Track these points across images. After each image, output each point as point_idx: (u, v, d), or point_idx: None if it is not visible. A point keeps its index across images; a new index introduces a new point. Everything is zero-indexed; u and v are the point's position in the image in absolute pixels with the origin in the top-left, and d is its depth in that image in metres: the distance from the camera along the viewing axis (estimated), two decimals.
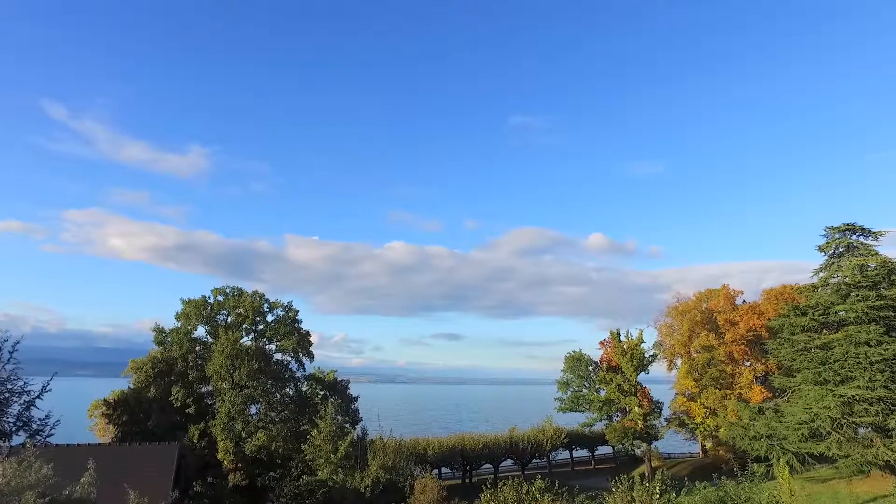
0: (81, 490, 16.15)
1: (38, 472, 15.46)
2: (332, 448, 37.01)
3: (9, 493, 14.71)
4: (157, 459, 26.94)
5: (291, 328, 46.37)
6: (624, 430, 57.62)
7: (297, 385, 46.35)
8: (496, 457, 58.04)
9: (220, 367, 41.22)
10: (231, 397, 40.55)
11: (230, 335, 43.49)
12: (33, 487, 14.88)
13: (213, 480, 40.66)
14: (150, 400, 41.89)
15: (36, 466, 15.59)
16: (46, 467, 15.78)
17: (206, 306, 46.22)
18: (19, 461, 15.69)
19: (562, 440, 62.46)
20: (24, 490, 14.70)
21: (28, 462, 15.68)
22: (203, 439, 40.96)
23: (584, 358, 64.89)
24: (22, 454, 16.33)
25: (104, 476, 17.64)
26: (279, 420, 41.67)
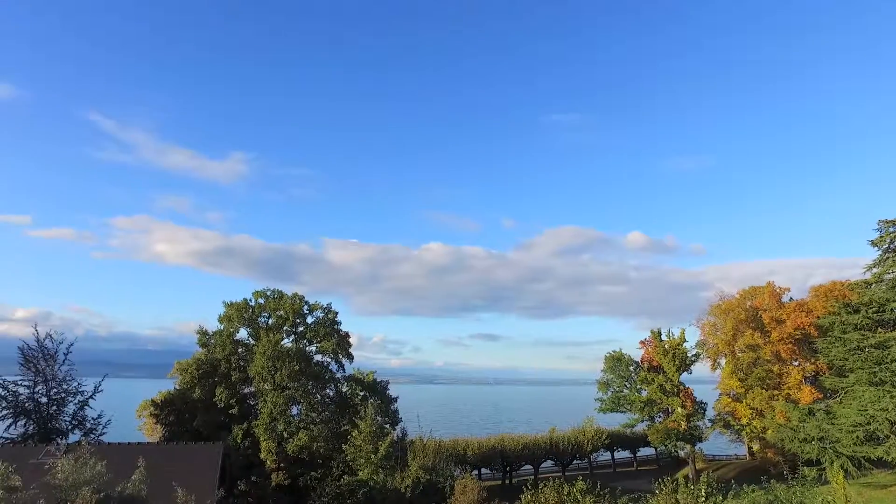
0: (133, 487, 16.64)
1: (93, 469, 16.03)
2: (373, 448, 37.26)
3: (67, 488, 15.33)
4: (203, 458, 27.51)
5: (331, 330, 46.88)
6: (667, 432, 56.56)
7: (337, 386, 46.85)
8: (536, 458, 57.64)
9: (261, 369, 41.95)
10: (273, 398, 41.23)
11: (271, 337, 44.23)
12: (89, 483, 15.45)
13: (256, 480, 41.42)
14: (195, 400, 42.89)
15: (91, 463, 16.17)
16: (100, 464, 16.35)
17: (247, 309, 47.09)
18: (75, 458, 16.30)
19: (603, 441, 61.67)
20: (80, 486, 15.30)
21: (83, 459, 16.27)
22: (246, 439, 41.72)
23: (624, 358, 63.96)
24: (77, 451, 16.95)
25: (153, 474, 18.12)
26: (320, 420, 42.17)
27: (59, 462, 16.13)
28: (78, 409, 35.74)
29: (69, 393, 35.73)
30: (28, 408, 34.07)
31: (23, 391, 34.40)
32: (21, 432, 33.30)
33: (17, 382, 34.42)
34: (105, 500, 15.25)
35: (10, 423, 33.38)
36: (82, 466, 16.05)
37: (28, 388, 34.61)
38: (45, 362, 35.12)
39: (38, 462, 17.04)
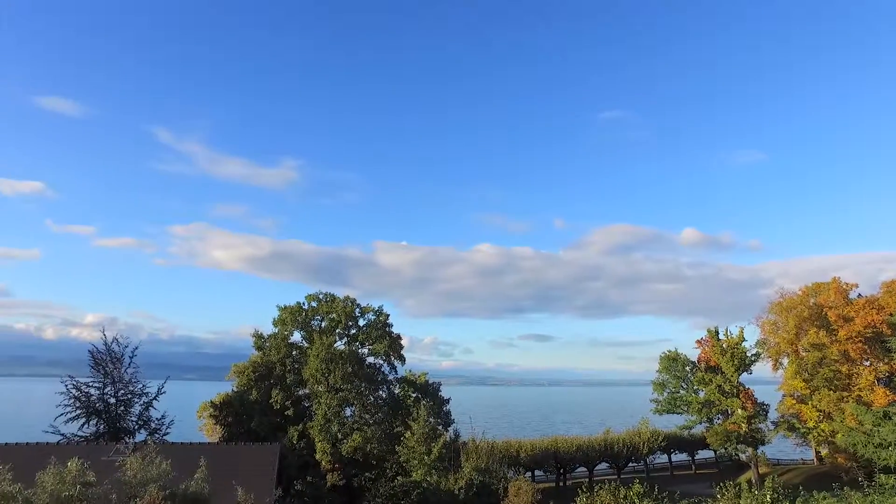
0: (196, 485, 17.17)
1: (159, 468, 16.63)
2: (426, 450, 37.45)
3: (136, 484, 15.96)
4: (260, 459, 28.12)
5: (383, 332, 47.36)
6: (726, 434, 54.75)
7: (389, 388, 47.29)
8: (590, 460, 56.70)
9: (315, 371, 42.70)
10: (327, 400, 41.91)
11: (324, 340, 44.98)
12: (155, 481, 16.04)
13: (312, 480, 42.14)
14: (252, 402, 43.99)
15: (157, 462, 16.78)
16: (165, 463, 16.93)
17: (300, 312, 48.05)
18: (143, 456, 16.94)
19: (659, 443, 60.15)
20: (148, 483, 15.91)
21: (150, 458, 16.89)
22: (302, 440, 42.52)
23: (680, 358, 62.31)
24: (144, 450, 17.61)
25: (214, 473, 18.63)
26: (373, 422, 42.62)
27: (128, 460, 16.79)
28: (143, 409, 37.32)
29: (135, 394, 37.34)
30: (98, 408, 35.77)
31: (93, 392, 36.14)
32: (93, 431, 35.04)
33: (88, 384, 36.21)
34: (170, 498, 15.80)
35: (83, 423, 35.17)
36: (149, 464, 16.69)
37: (98, 389, 36.32)
38: (113, 365, 36.79)
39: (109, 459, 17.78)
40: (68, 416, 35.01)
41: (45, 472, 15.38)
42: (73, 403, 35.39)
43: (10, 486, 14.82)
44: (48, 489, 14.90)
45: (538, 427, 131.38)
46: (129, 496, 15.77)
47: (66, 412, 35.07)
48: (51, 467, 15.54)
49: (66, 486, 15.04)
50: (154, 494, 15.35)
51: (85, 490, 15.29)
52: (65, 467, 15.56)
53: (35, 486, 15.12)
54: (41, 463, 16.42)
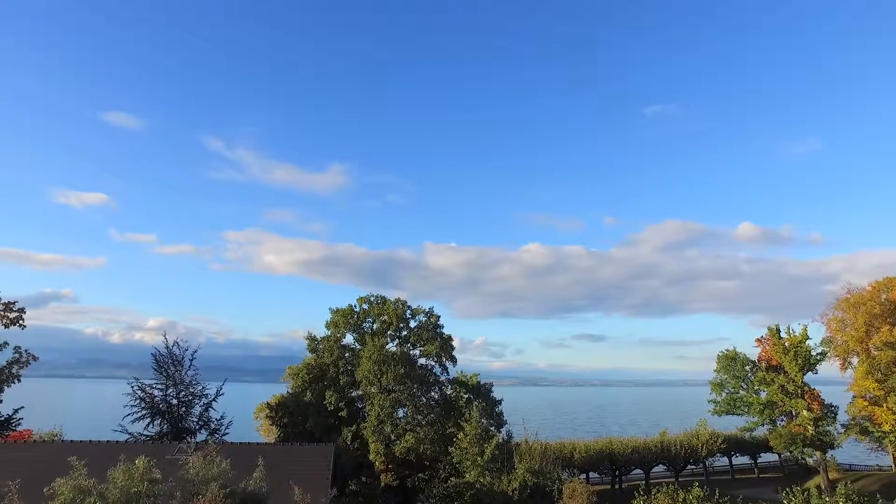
0: (254, 484, 17.63)
1: (219, 466, 17.18)
2: (479, 451, 37.31)
3: (198, 482, 16.57)
4: (316, 459, 28.60)
5: (434, 333, 47.51)
6: (791, 437, 52.50)
7: (441, 389, 47.38)
8: (647, 462, 55.37)
9: (368, 372, 43.19)
10: (379, 401, 42.31)
11: (376, 341, 45.45)
12: (216, 479, 16.58)
13: (366, 480, 42.62)
14: (307, 403, 44.83)
15: (217, 461, 17.34)
16: (225, 462, 17.47)
17: (352, 315, 48.69)
18: (204, 455, 17.53)
19: (718, 445, 58.20)
20: (209, 481, 16.48)
21: (211, 457, 17.47)
22: (356, 441, 43.06)
23: (739, 357, 60.21)
24: (205, 449, 18.19)
25: (271, 472, 19.09)
26: (426, 423, 42.78)
27: (191, 459, 17.42)
28: (203, 410, 38.66)
29: (195, 395, 38.71)
30: (162, 409, 37.27)
31: (157, 393, 37.69)
32: (157, 430, 36.56)
33: (152, 385, 37.81)
34: (230, 496, 16.26)
35: (149, 423, 36.75)
36: (210, 463, 17.25)
37: (161, 390, 37.85)
38: (174, 368, 38.25)
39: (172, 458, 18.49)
40: (135, 416, 36.67)
41: (115, 469, 16.18)
42: (138, 404, 37.03)
43: (85, 480, 15.64)
44: (119, 485, 15.66)
45: (592, 428, 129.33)
46: (192, 493, 16.34)
47: (132, 412, 36.75)
48: (120, 464, 16.34)
49: (134, 483, 15.78)
50: (215, 492, 15.87)
51: (152, 486, 16.00)
52: (133, 465, 16.29)
53: (107, 481, 15.90)
54: (111, 460, 17.25)
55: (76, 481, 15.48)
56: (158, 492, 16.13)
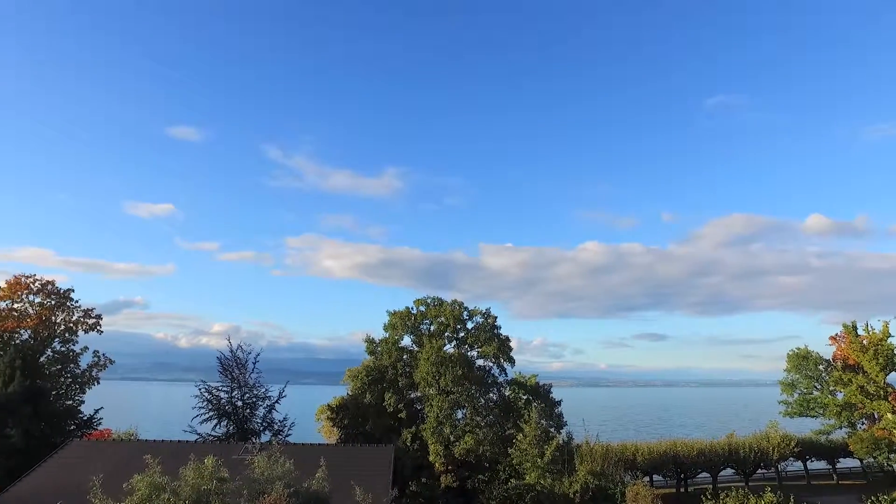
0: (317, 484, 17.97)
1: (283, 467, 17.61)
2: (539, 452, 36.97)
3: (263, 481, 17.07)
4: (376, 459, 28.93)
5: (491, 334, 47.34)
6: (874, 441, 49.57)
7: (499, 390, 47.15)
8: (714, 465, 53.42)
9: (426, 374, 43.43)
10: (438, 402, 42.47)
11: (434, 343, 45.65)
12: (281, 478, 17.02)
13: (426, 481, 42.84)
14: (367, 405, 45.44)
15: (281, 461, 17.79)
16: (289, 462, 17.91)
17: (410, 317, 49.06)
18: (268, 456, 18.03)
19: (791, 449, 55.52)
20: (274, 480, 16.94)
21: (275, 457, 17.95)
22: (415, 442, 43.35)
23: (811, 355, 57.40)
24: (269, 450, 18.70)
25: (333, 472, 19.39)
26: (485, 424, 42.66)
27: (256, 459, 17.95)
28: (266, 412, 39.82)
29: (259, 398, 39.92)
30: (228, 410, 38.59)
31: (223, 396, 39.06)
32: (223, 431, 37.90)
33: (218, 388, 39.22)
34: (294, 495, 16.65)
35: (216, 424, 38.14)
36: (274, 463, 17.73)
37: (227, 393, 39.20)
38: (239, 371, 39.56)
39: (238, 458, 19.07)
40: (202, 418, 38.13)
41: (186, 467, 16.88)
42: (206, 406, 38.48)
43: (159, 477, 16.43)
44: (190, 482, 16.35)
45: (655, 430, 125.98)
46: (257, 492, 16.81)
47: (200, 414, 38.23)
48: (191, 463, 17.04)
49: (204, 481, 16.43)
50: (280, 492, 16.30)
51: (220, 485, 16.61)
52: (202, 463, 16.93)
53: (179, 479, 16.62)
54: (182, 459, 17.97)
55: (151, 478, 16.28)
56: (226, 490, 16.73)
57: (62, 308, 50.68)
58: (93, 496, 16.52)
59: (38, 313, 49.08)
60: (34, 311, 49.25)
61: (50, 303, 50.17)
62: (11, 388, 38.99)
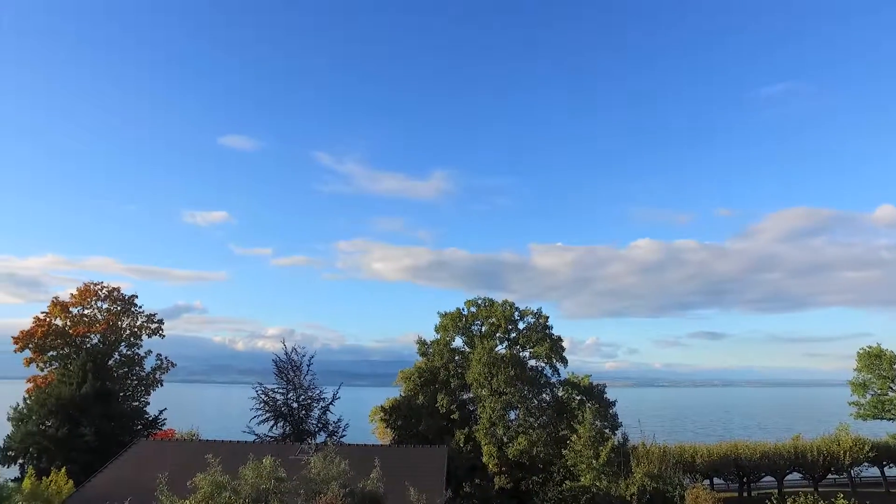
0: (372, 484, 18.18)
1: (339, 467, 17.92)
2: (594, 453, 36.35)
3: (319, 482, 17.41)
4: (430, 460, 29.03)
5: (543, 334, 46.88)
6: None
7: (552, 390, 46.62)
8: (779, 468, 51.34)
9: (478, 375, 43.32)
10: (491, 403, 42.31)
11: (485, 344, 45.51)
12: (336, 479, 17.33)
13: (479, 482, 42.73)
14: (419, 406, 45.68)
15: (336, 461, 18.10)
16: (344, 462, 18.19)
17: (460, 318, 49.08)
18: (324, 456, 18.37)
19: (865, 454, 52.66)
20: (330, 480, 17.27)
21: (330, 457, 18.27)
22: (468, 443, 43.30)
23: (885, 354, 54.46)
24: (325, 450, 19.04)
25: (387, 473, 19.56)
26: (538, 425, 42.27)
27: (312, 459, 18.34)
28: (321, 413, 40.56)
29: (313, 399, 40.71)
30: (284, 411, 39.50)
31: (279, 397, 40.01)
32: (280, 432, 38.80)
33: (274, 390, 40.20)
34: (350, 495, 16.90)
35: (272, 425, 39.10)
36: (330, 464, 18.05)
37: (282, 394, 40.14)
38: (293, 373, 40.44)
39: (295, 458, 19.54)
40: (260, 419, 39.17)
41: (245, 467, 17.42)
42: (262, 407, 39.51)
43: (221, 476, 17.04)
44: (249, 482, 16.91)
45: (714, 431, 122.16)
46: (314, 492, 17.15)
47: (257, 415, 39.28)
48: (249, 462, 17.59)
49: (263, 480, 16.95)
50: (335, 491, 16.58)
51: (278, 484, 17.09)
52: (261, 463, 17.43)
53: (239, 478, 17.15)
54: (241, 458, 18.54)
55: (213, 477, 16.89)
56: (284, 489, 17.17)
57: (127, 313, 53.04)
58: (159, 492, 17.25)
59: (106, 319, 51.49)
60: (102, 316, 51.71)
61: (116, 309, 52.55)
62: (84, 389, 41.13)
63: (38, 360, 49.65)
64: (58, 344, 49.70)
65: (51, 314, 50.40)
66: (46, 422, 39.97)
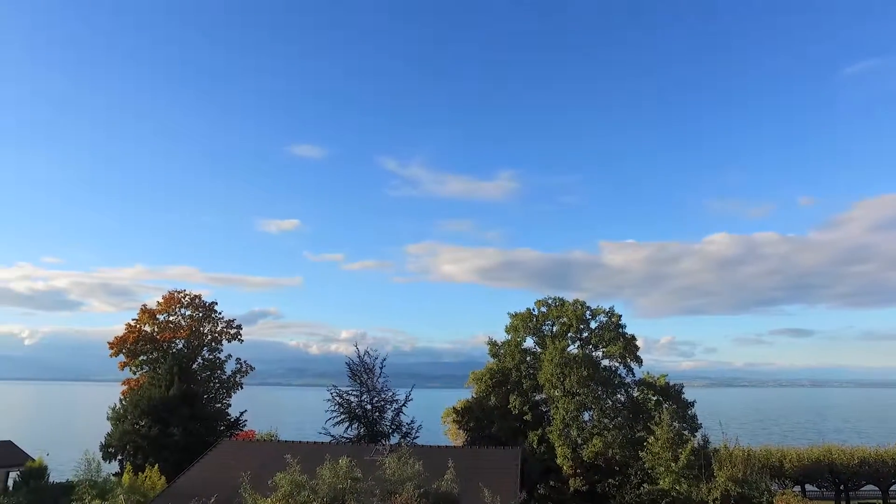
0: (446, 485, 18.25)
1: (413, 468, 18.14)
2: (672, 456, 35.09)
3: (394, 482, 17.70)
4: (503, 462, 28.87)
5: (616, 333, 45.75)
6: None
7: (627, 391, 45.40)
8: (882, 476, 47.78)
9: (550, 376, 42.76)
10: (564, 404, 41.66)
11: (557, 344, 44.88)
12: (411, 479, 17.54)
13: (554, 484, 42.16)
14: (492, 408, 45.53)
15: (411, 462, 18.31)
16: (418, 464, 18.38)
17: (531, 318, 48.61)
18: (398, 457, 18.63)
19: None
20: (404, 481, 17.52)
21: (405, 458, 18.51)
22: (542, 445, 42.79)
23: None
24: (399, 452, 19.31)
25: (460, 474, 19.61)
26: (613, 426, 41.28)
27: (387, 460, 18.66)
28: (395, 415, 41.18)
29: (387, 401, 41.41)
30: (358, 413, 40.38)
31: (353, 399, 40.95)
32: (355, 434, 39.65)
33: (348, 392, 41.16)
34: (424, 495, 17.03)
35: (347, 426, 40.02)
36: (404, 465, 18.29)
37: (356, 397, 41.04)
38: (367, 375, 41.27)
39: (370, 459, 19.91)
40: (335, 421, 40.20)
41: (323, 467, 17.97)
42: (337, 409, 40.53)
43: (299, 476, 17.64)
44: (327, 481, 17.45)
45: (804, 434, 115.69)
46: (389, 492, 17.40)
47: (332, 417, 40.32)
48: (326, 463, 18.11)
49: (339, 480, 17.44)
50: (410, 492, 16.77)
51: (354, 484, 17.50)
52: (337, 464, 17.88)
53: (316, 477, 17.70)
54: (318, 459, 19.10)
55: (292, 476, 17.53)
56: (360, 489, 17.56)
57: (208, 319, 55.72)
58: (243, 490, 18.04)
59: (189, 325, 54.29)
60: (186, 322, 54.56)
61: (198, 315, 55.31)
62: (171, 391, 43.67)
63: (130, 364, 53.03)
64: (147, 349, 52.87)
65: (140, 321, 53.65)
66: (140, 422, 42.77)
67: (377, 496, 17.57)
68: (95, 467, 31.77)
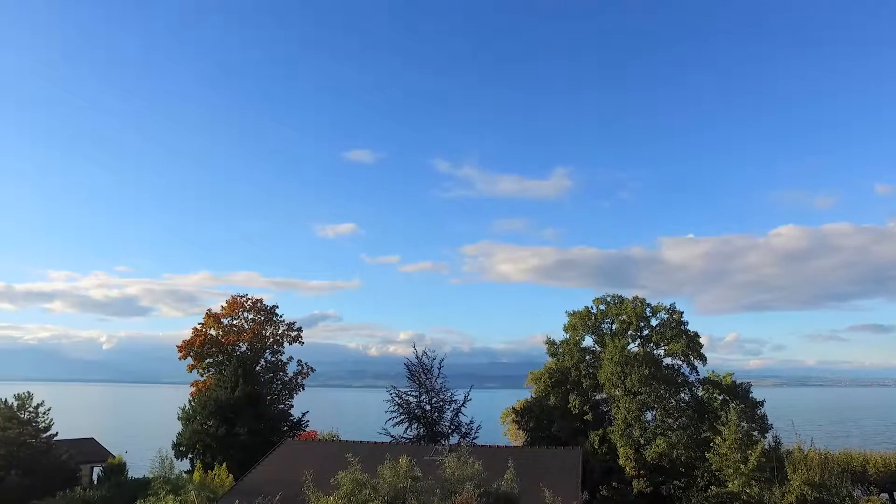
0: (506, 485, 18.18)
1: (473, 467, 18.19)
2: (741, 457, 33.71)
3: (454, 481, 17.79)
4: (563, 462, 28.48)
5: (678, 331, 44.43)
6: None
7: (691, 390, 44.01)
8: None
9: (610, 375, 41.92)
10: (625, 404, 40.74)
11: (617, 342, 44.00)
12: (471, 479, 17.59)
13: (616, 485, 41.28)
14: (551, 408, 45.03)
15: (470, 462, 18.35)
16: (478, 463, 18.39)
17: (590, 317, 47.81)
18: (458, 457, 18.71)
19: None
20: (464, 480, 17.60)
21: (464, 458, 18.58)
22: (603, 445, 42.01)
23: None
24: (458, 451, 19.36)
25: (520, 474, 19.47)
26: (677, 426, 40.10)
27: (446, 460, 18.75)
28: (454, 415, 41.30)
29: (445, 402, 41.57)
30: (417, 414, 40.71)
31: (412, 400, 41.31)
32: (414, 434, 39.98)
33: (407, 393, 41.56)
34: (485, 495, 17.00)
35: (407, 426, 40.40)
36: (464, 464, 18.34)
37: (415, 397, 41.40)
38: (425, 376, 41.54)
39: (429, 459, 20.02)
40: (394, 421, 40.68)
41: (383, 466, 18.28)
42: (397, 410, 40.97)
43: (360, 475, 18.04)
44: (387, 480, 17.76)
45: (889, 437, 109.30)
46: (449, 492, 17.44)
47: (392, 417, 40.78)
48: (387, 462, 18.39)
49: (400, 479, 17.69)
50: (470, 491, 16.77)
51: (414, 483, 17.68)
52: (397, 463, 18.11)
53: (377, 476, 18.02)
54: (378, 458, 19.42)
55: (354, 475, 17.88)
56: (420, 488, 17.71)
57: (270, 323, 57.36)
58: (306, 488, 18.52)
59: (252, 328, 56.04)
60: (248, 326, 56.33)
61: (260, 318, 57.01)
62: (237, 393, 45.19)
63: (198, 366, 55.20)
64: (213, 352, 54.90)
65: (206, 325, 55.76)
66: (208, 422, 44.48)
67: (437, 495, 17.63)
68: (169, 465, 33.52)
